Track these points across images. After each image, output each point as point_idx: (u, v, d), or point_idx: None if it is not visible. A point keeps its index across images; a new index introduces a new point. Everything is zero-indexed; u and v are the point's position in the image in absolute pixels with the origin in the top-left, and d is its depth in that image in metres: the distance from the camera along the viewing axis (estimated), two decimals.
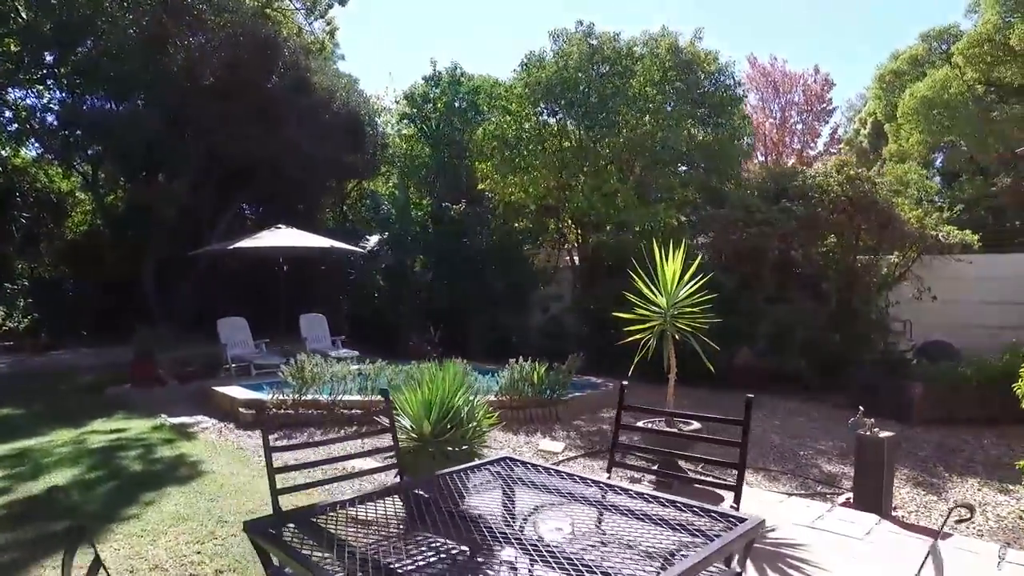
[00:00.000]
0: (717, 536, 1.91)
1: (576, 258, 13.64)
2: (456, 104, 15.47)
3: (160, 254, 15.10)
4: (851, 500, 5.15)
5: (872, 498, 4.86)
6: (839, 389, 8.99)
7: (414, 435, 4.34)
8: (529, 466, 2.79)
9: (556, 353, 10.88)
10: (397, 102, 17.11)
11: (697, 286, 5.47)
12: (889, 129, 22.09)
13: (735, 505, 2.62)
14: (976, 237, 9.07)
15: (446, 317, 13.83)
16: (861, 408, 5.06)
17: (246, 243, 11.26)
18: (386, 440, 3.97)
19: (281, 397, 7.72)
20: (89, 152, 15.40)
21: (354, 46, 35.87)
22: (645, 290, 5.63)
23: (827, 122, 28.44)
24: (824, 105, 27.94)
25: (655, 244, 8.32)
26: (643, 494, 2.42)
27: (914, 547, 4.11)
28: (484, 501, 2.49)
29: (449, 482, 2.57)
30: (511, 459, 2.84)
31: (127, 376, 10.68)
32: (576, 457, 6.32)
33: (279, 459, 6.17)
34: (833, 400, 8.73)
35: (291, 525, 2.15)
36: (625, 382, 3.60)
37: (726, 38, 38.22)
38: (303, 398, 7.72)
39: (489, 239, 13.60)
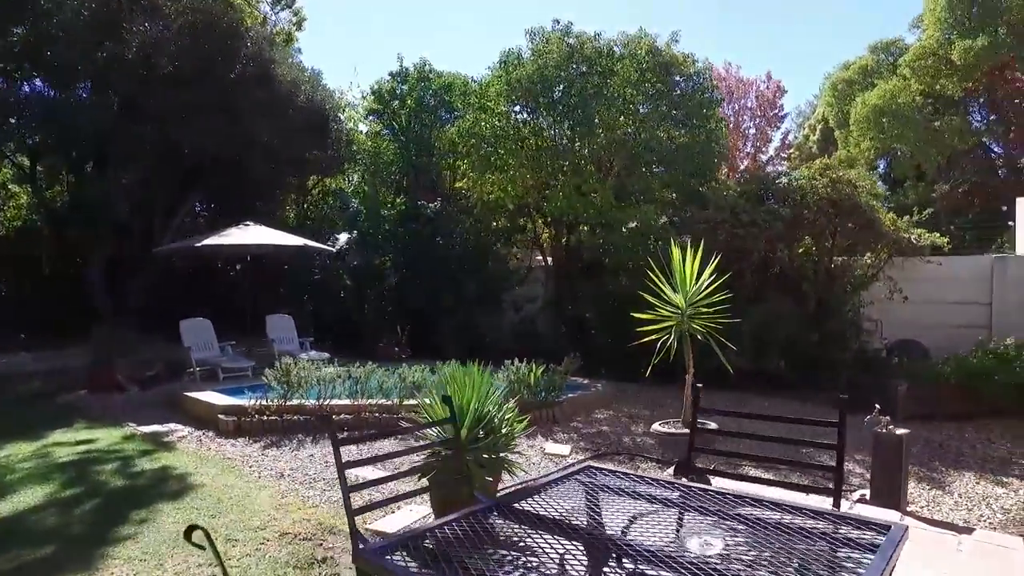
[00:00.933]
0: (873, 545, 1.82)
1: (550, 259, 13.57)
2: (427, 101, 15.16)
3: (108, 252, 14.20)
4: (865, 496, 5.22)
5: (889, 495, 4.93)
6: (818, 387, 9.20)
7: (438, 445, 4.12)
8: (620, 474, 2.64)
9: (530, 354, 10.78)
10: (364, 97, 16.64)
11: (715, 286, 5.45)
12: (839, 135, 22.99)
13: (835, 508, 2.56)
14: (946, 240, 9.50)
15: (417, 318, 13.53)
16: (877, 407, 5.14)
17: (215, 240, 10.69)
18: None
19: (264, 402, 7.31)
20: (28, 142, 14.32)
21: (318, 40, 34.90)
22: (667, 289, 5.56)
23: (778, 127, 29.47)
24: (776, 111, 28.92)
25: (649, 244, 8.30)
26: (760, 499, 2.31)
27: (946, 543, 4.17)
28: (589, 511, 2.33)
29: (547, 495, 2.39)
30: (593, 467, 2.69)
31: (82, 381, 9.97)
32: (585, 460, 6.20)
33: (272, 469, 5.83)
34: (815, 398, 8.93)
35: (403, 552, 1.94)
36: (700, 385, 3.49)
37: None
38: (288, 403, 7.34)
39: (463, 238, 13.37)
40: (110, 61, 12.50)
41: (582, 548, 2.04)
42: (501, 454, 4.15)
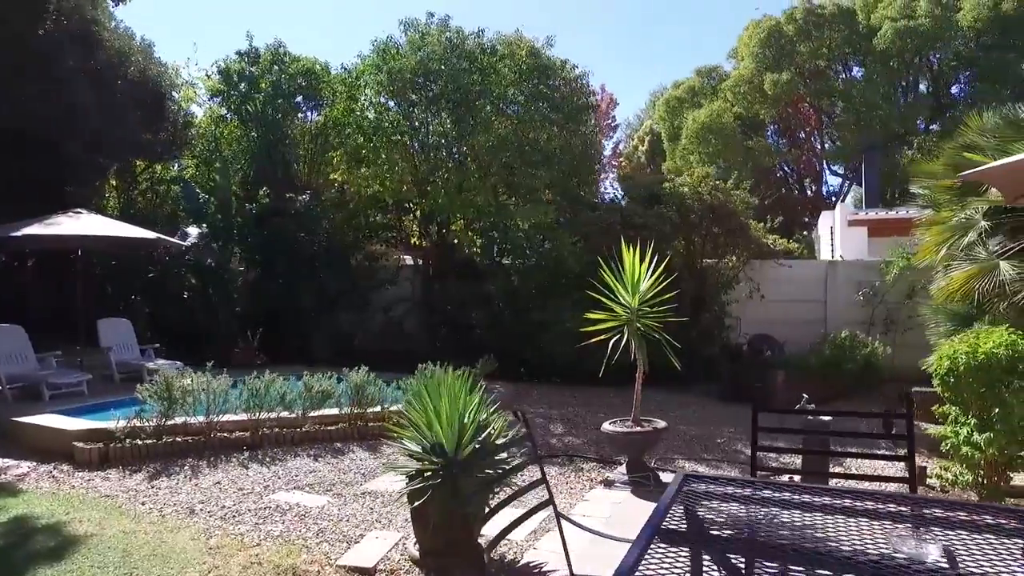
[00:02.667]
0: None
1: (420, 259, 13.13)
2: (284, 86, 13.80)
3: None
4: (794, 479, 5.70)
5: (819, 474, 5.41)
6: (697, 380, 9.85)
7: (435, 463, 3.71)
8: (723, 480, 2.53)
9: (401, 357, 10.30)
10: (209, 77, 14.71)
11: (662, 286, 5.61)
12: (668, 148, 25.25)
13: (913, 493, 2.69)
14: (797, 246, 10.82)
15: (276, 320, 12.30)
16: (805, 396, 5.62)
17: (36, 229, 8.75)
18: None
19: (137, 423, 6.11)
20: None
21: (151, 6, 30.18)
22: (620, 289, 5.59)
23: (611, 137, 31.57)
24: (608, 121, 30.95)
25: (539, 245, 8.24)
26: (919, 498, 2.33)
27: None
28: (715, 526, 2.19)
29: (674, 511, 2.20)
30: (694, 476, 2.54)
31: None
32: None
33: (175, 505, 4.86)
34: (698, 389, 9.61)
35: None
36: (758, 385, 3.46)
37: None
38: (168, 422, 6.21)
39: (330, 235, 12.43)
40: None
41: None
42: (498, 471, 3.83)
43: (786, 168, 26.45)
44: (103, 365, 10.16)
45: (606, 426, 5.59)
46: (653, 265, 5.81)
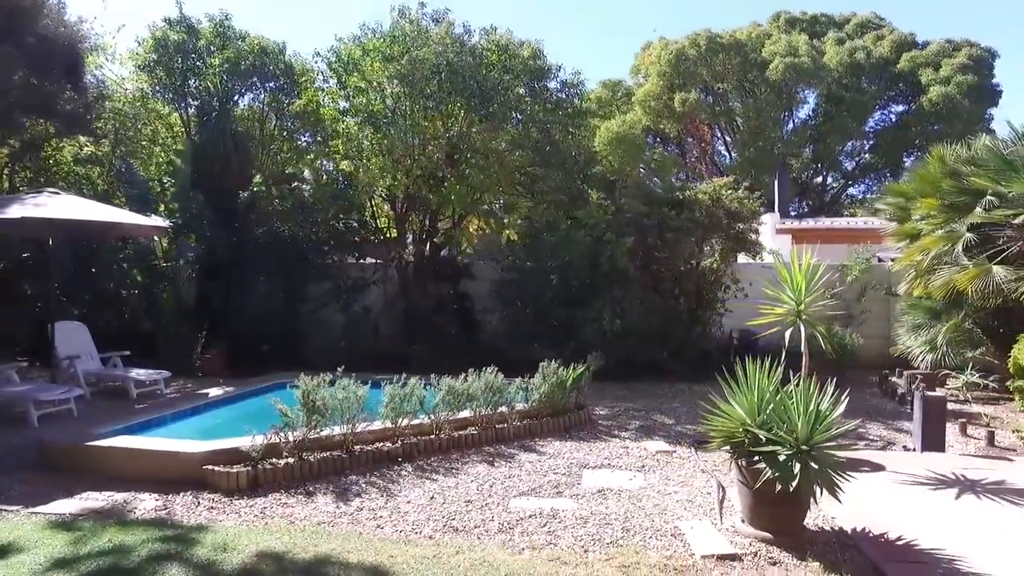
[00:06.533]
0: None
1: (413, 257, 12.51)
2: (241, 64, 12.25)
3: None
4: (907, 446, 6.53)
5: (937, 443, 6.28)
6: (687, 373, 10.26)
7: (799, 450, 3.86)
8: None
9: (395, 357, 9.75)
10: (140, 43, 12.49)
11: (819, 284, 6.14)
12: None
13: None
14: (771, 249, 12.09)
15: (233, 323, 10.95)
16: (918, 377, 6.48)
17: (19, 210, 7.05)
18: None
19: (272, 439, 5.30)
20: None
21: None
22: (796, 282, 6.02)
23: None
24: None
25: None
26: None
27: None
28: None
29: None
30: None
31: None
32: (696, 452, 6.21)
33: (433, 526, 4.39)
34: (706, 380, 10.31)
35: None
36: None
37: None
38: (311, 436, 5.46)
39: (318, 230, 11.39)
40: None
41: None
42: (838, 452, 4.06)
43: (681, 179, 28.83)
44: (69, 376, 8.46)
45: None
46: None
